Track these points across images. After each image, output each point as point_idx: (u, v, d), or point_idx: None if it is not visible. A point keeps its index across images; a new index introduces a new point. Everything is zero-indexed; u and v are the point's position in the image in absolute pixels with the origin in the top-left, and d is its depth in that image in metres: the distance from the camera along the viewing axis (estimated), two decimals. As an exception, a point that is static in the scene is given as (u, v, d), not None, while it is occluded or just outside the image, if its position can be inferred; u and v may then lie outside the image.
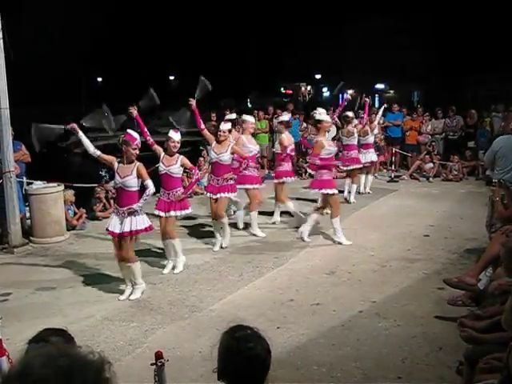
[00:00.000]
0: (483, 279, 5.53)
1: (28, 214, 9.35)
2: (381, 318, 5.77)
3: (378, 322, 5.67)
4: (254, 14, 47.89)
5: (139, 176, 6.39)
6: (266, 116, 16.12)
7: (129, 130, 6.58)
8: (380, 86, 44.78)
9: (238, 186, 8.67)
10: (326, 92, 53.45)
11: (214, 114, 15.20)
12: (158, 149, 7.45)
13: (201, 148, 14.83)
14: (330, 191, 8.41)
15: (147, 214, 6.82)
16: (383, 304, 6.14)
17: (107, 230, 6.55)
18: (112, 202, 11.03)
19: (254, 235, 9.04)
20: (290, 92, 50.89)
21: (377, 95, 44.56)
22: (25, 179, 9.34)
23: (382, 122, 15.04)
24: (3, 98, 8.42)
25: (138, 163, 6.44)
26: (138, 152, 6.45)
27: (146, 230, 6.57)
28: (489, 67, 28.35)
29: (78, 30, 46.71)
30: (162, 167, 7.35)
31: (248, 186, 9.02)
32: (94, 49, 51.22)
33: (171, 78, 63.25)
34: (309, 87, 52.69)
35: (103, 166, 8.05)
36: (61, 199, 9.39)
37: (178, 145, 7.38)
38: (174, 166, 7.31)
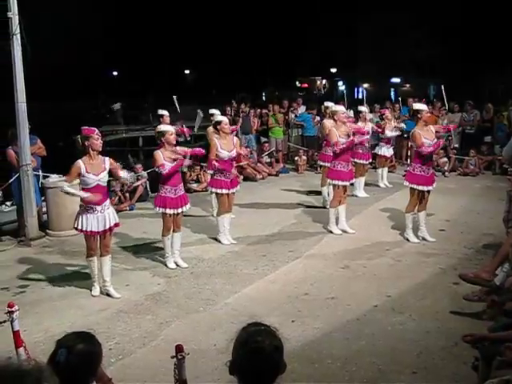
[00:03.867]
0: (500, 275, 5.48)
1: (44, 208, 9.42)
2: (396, 312, 5.75)
3: (394, 316, 5.65)
4: (270, 9, 47.78)
5: (113, 168, 6.37)
6: (282, 110, 16.09)
7: (84, 127, 6.36)
8: (396, 79, 44.51)
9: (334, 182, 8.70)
10: (341, 86, 53.25)
11: (228, 108, 15.22)
12: None
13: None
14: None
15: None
16: (398, 298, 6.12)
17: (85, 231, 6.26)
18: (128, 195, 11.11)
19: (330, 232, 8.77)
20: (306, 85, 50.74)
21: (392, 89, 44.31)
22: (41, 172, 9.42)
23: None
24: (20, 92, 8.49)
25: (105, 157, 6.37)
26: (101, 141, 6.30)
27: (117, 225, 6.54)
28: (507, 61, 28.03)
29: (93, 23, 46.89)
30: (170, 165, 7.07)
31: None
32: (110, 42, 51.40)
33: (186, 72, 63.34)
34: (324, 81, 52.52)
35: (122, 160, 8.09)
36: (77, 192, 9.44)
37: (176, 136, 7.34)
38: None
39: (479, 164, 14.04)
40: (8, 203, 10.23)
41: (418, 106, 8.31)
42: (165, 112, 10.78)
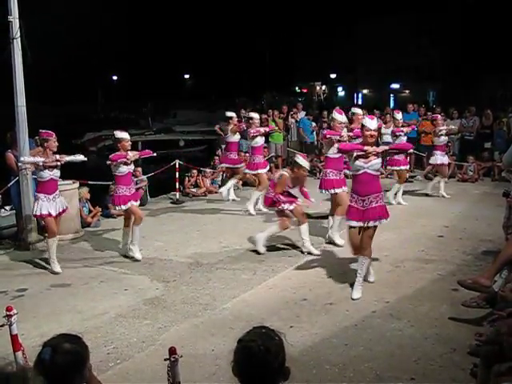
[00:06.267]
0: (498, 281, 5.49)
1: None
2: (394, 318, 5.74)
3: (392, 322, 5.65)
4: (269, 14, 47.91)
5: (61, 160, 7.48)
6: (281, 115, 16.13)
7: (41, 130, 7.61)
8: (395, 85, 44.58)
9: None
10: (341, 92, 53.37)
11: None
12: None
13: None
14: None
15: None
16: (397, 304, 6.11)
17: (44, 214, 7.49)
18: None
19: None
20: (306, 91, 50.83)
21: (392, 95, 44.35)
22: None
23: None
24: (20, 96, 8.50)
25: (56, 155, 7.49)
26: (56, 143, 7.52)
27: (65, 210, 7.83)
28: (507, 68, 28.07)
29: (93, 29, 46.99)
30: (127, 168, 7.88)
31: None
32: (110, 47, 51.50)
33: (186, 76, 63.45)
34: (323, 87, 52.64)
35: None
36: (76, 196, 9.46)
37: None
38: (132, 165, 8.04)
39: (478, 170, 14.06)
40: (7, 207, 10.22)
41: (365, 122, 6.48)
42: (233, 114, 11.29)
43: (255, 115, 11.23)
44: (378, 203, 6.30)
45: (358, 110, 9.99)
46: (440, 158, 11.94)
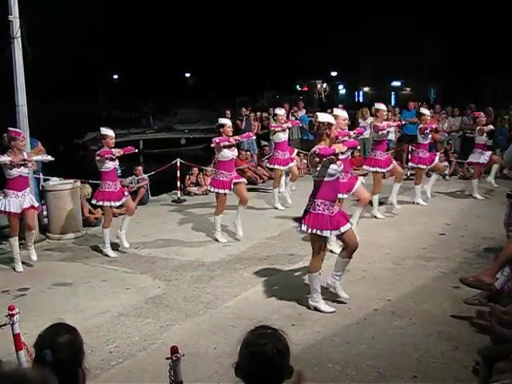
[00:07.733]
0: (500, 278, 5.48)
1: (45, 212, 9.42)
2: (396, 316, 5.74)
3: (394, 320, 5.65)
4: (270, 12, 47.86)
5: (28, 159, 7.59)
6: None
7: (10, 128, 7.67)
8: (396, 83, 44.55)
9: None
10: (341, 89, 53.34)
11: (228, 112, 15.25)
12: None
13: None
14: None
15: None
16: (399, 302, 6.11)
17: (7, 212, 7.51)
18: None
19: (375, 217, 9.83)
20: (306, 89, 50.80)
21: (393, 92, 44.30)
22: (41, 175, 9.42)
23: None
24: (21, 95, 8.51)
25: (25, 154, 7.63)
26: (25, 143, 7.69)
27: (34, 207, 7.75)
28: (506, 67, 28.02)
29: (94, 27, 46.93)
30: (112, 164, 8.08)
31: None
32: (111, 46, 51.46)
33: (187, 75, 63.43)
34: (324, 85, 52.61)
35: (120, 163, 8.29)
36: (77, 195, 9.46)
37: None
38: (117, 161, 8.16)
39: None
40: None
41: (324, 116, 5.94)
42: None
43: (280, 112, 11.44)
44: (336, 206, 5.94)
45: (382, 106, 9.94)
46: (482, 157, 11.72)
